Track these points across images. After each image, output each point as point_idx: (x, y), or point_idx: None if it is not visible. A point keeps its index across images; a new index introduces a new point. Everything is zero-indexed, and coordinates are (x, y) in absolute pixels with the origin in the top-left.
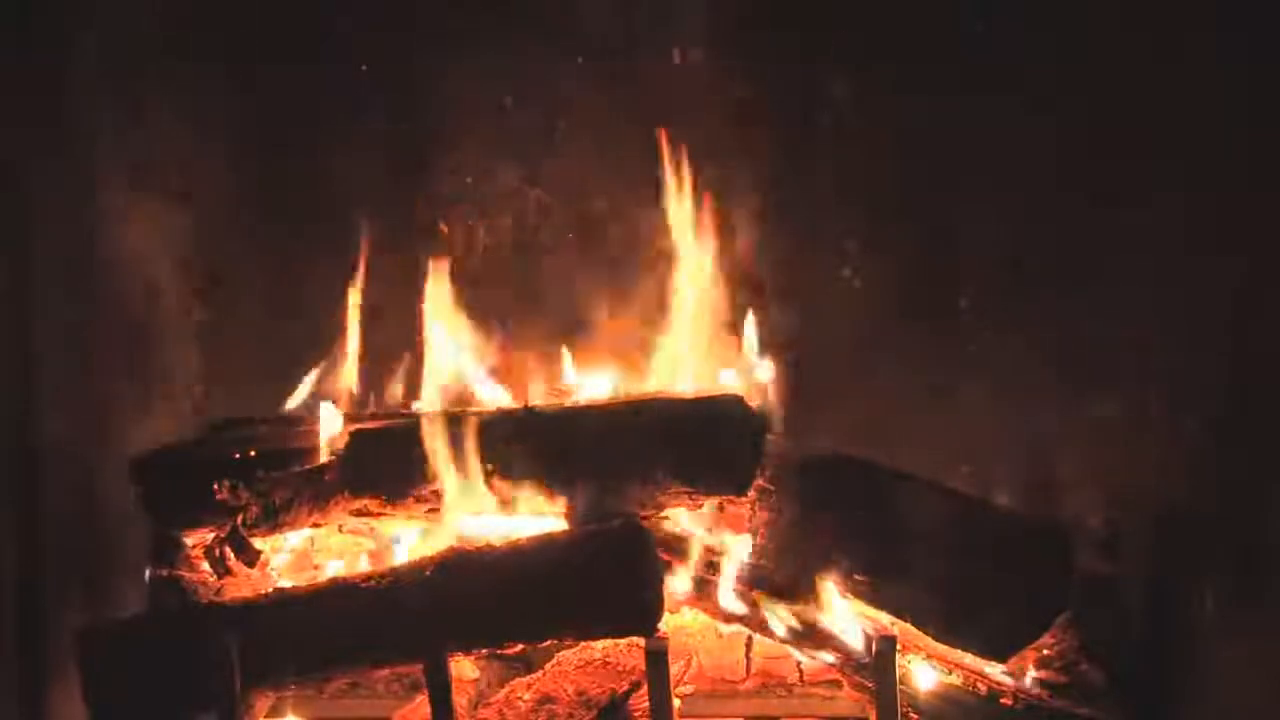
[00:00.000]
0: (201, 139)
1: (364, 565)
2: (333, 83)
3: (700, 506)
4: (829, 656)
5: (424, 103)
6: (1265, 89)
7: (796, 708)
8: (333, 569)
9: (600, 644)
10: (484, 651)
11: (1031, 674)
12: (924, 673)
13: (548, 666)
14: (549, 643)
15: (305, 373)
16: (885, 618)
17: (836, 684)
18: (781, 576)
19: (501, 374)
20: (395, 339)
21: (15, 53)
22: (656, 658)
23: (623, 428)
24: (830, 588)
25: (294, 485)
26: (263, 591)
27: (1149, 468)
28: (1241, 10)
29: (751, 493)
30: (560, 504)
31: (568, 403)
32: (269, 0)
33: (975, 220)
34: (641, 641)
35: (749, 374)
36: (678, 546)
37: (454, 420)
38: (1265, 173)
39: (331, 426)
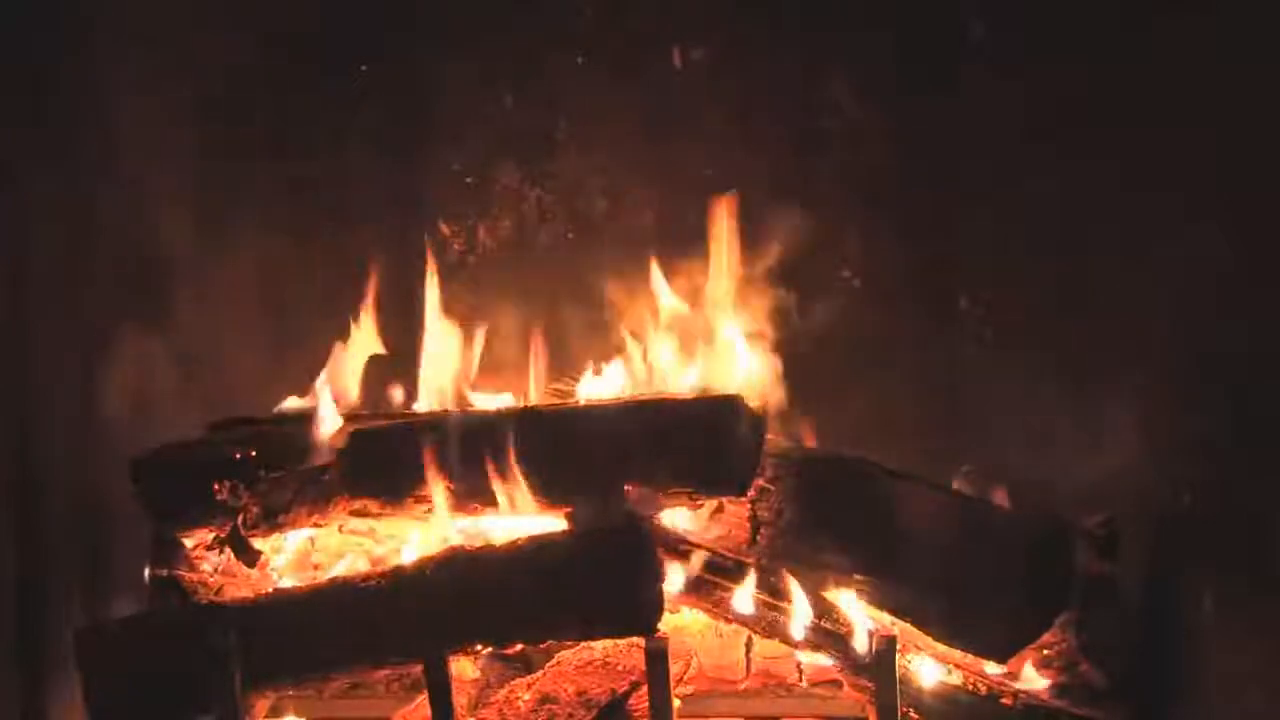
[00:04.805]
0: (200, 139)
1: (364, 565)
2: (333, 83)
3: (700, 506)
4: (829, 657)
5: (424, 103)
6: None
7: (796, 708)
8: (334, 569)
9: (600, 644)
10: (484, 651)
11: (1031, 674)
12: (924, 672)
13: (548, 666)
14: (549, 643)
15: (305, 374)
16: (885, 618)
17: (836, 684)
18: (781, 577)
19: (500, 374)
20: (395, 339)
21: (14, 53)
22: (656, 658)
23: (623, 428)
24: (830, 588)
25: (294, 485)
26: (263, 591)
27: (1149, 468)
28: (1242, 11)
29: (751, 493)
30: (560, 504)
31: (567, 403)
32: (268, 1)
33: (976, 219)
34: (641, 641)
35: (749, 374)
36: (677, 547)
37: (454, 421)
38: (1266, 171)
39: (331, 426)
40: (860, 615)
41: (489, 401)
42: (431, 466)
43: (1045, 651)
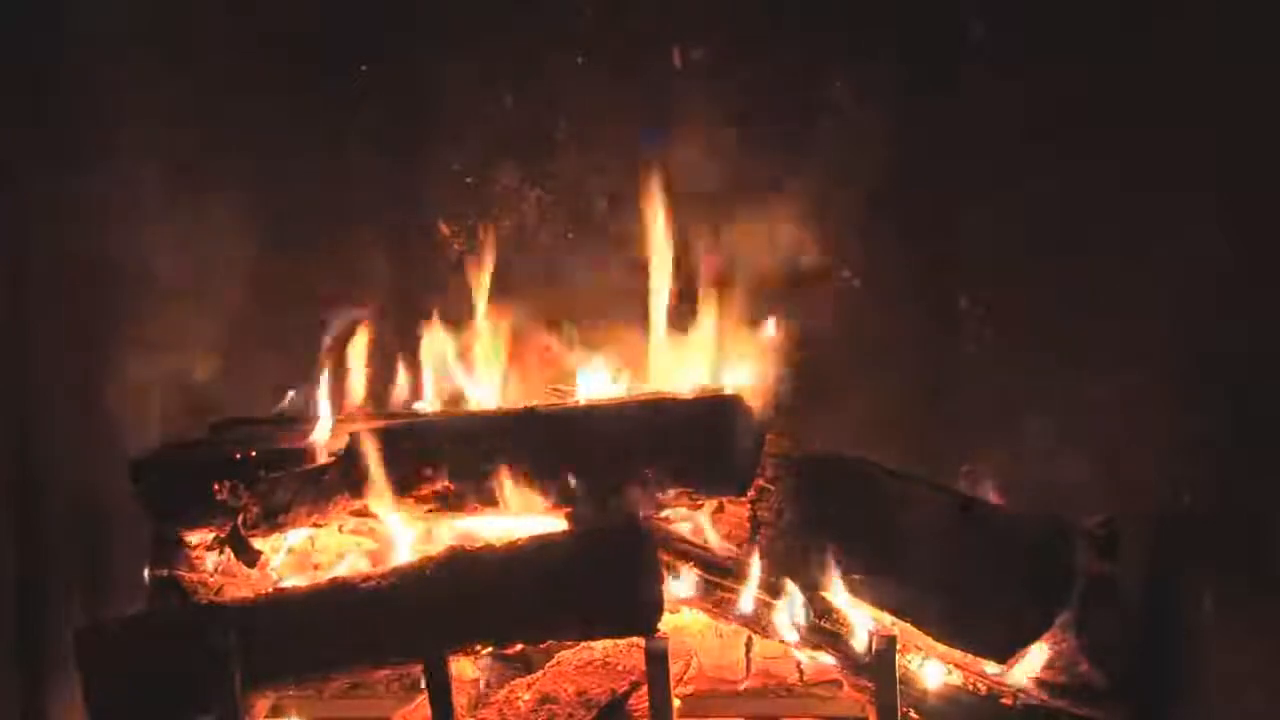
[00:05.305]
0: (200, 140)
1: (364, 565)
2: (333, 83)
3: (700, 507)
4: (829, 657)
5: (424, 103)
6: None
7: (796, 708)
8: (334, 569)
9: (600, 644)
10: (484, 651)
11: (1031, 674)
12: (924, 672)
13: (548, 666)
14: (549, 643)
15: (305, 373)
16: (885, 618)
17: (836, 684)
18: (781, 577)
19: (501, 373)
20: (396, 339)
21: (14, 53)
22: (656, 658)
23: (623, 428)
24: (830, 588)
25: (294, 485)
26: (263, 591)
27: (1149, 468)
28: (1242, 11)
29: (751, 493)
30: (560, 504)
31: (568, 403)
32: (268, 1)
33: (976, 219)
34: (641, 641)
35: (749, 374)
36: (678, 547)
37: (453, 420)
38: (1266, 171)
39: (331, 427)
40: (860, 615)
41: (489, 401)
42: (431, 467)
43: (1045, 651)
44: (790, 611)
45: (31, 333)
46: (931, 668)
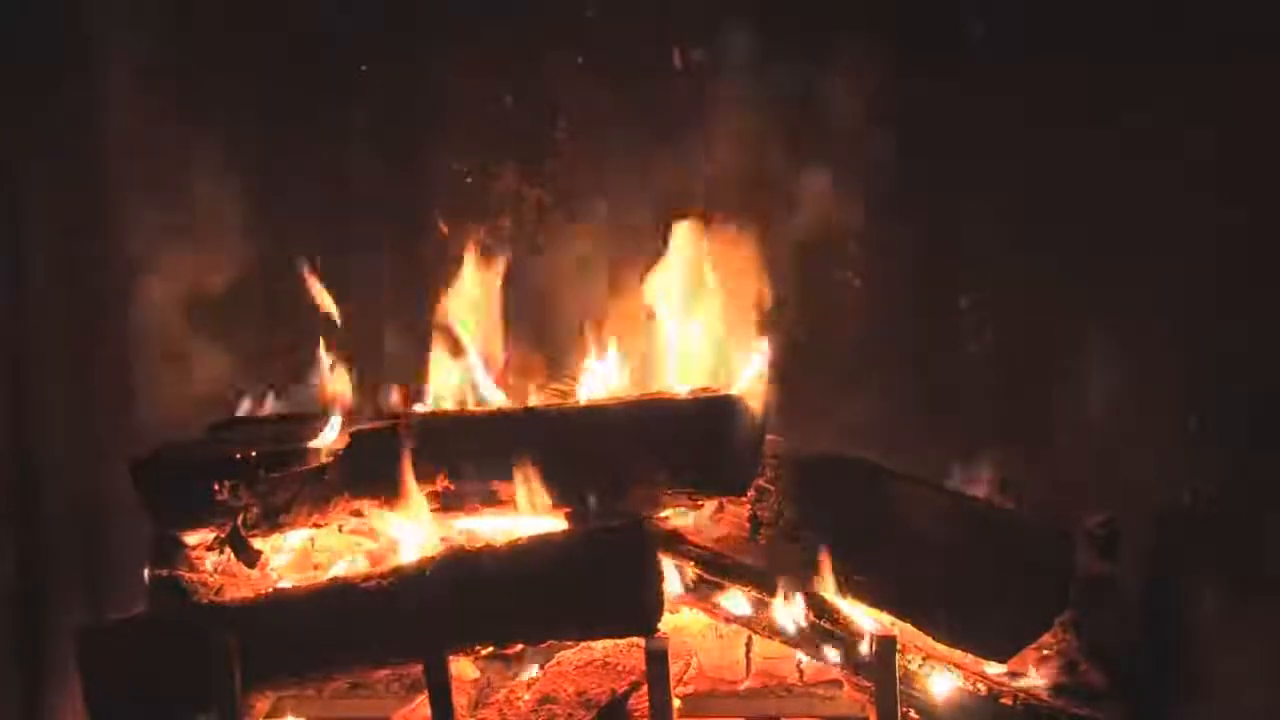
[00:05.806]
0: (200, 139)
1: (364, 565)
2: (333, 83)
3: (700, 506)
4: (829, 657)
5: (424, 103)
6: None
7: (796, 708)
8: (334, 569)
9: (600, 644)
10: (484, 651)
11: (1031, 674)
12: (924, 672)
13: (548, 666)
14: (549, 643)
15: (306, 373)
16: (885, 618)
17: (836, 684)
18: (781, 577)
19: (501, 374)
20: (396, 339)
21: (14, 53)
22: (656, 658)
23: (623, 428)
24: (830, 588)
25: (294, 485)
26: (263, 591)
27: (1149, 468)
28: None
29: (751, 493)
30: (561, 504)
31: (568, 403)
32: (268, 1)
33: (976, 219)
34: (641, 641)
35: (749, 374)
36: (678, 547)
37: (453, 421)
38: (1266, 171)
39: (332, 427)
40: (860, 615)
41: (489, 402)
42: (431, 467)
43: (1045, 651)
44: (790, 611)
45: (31, 332)
46: (931, 668)
